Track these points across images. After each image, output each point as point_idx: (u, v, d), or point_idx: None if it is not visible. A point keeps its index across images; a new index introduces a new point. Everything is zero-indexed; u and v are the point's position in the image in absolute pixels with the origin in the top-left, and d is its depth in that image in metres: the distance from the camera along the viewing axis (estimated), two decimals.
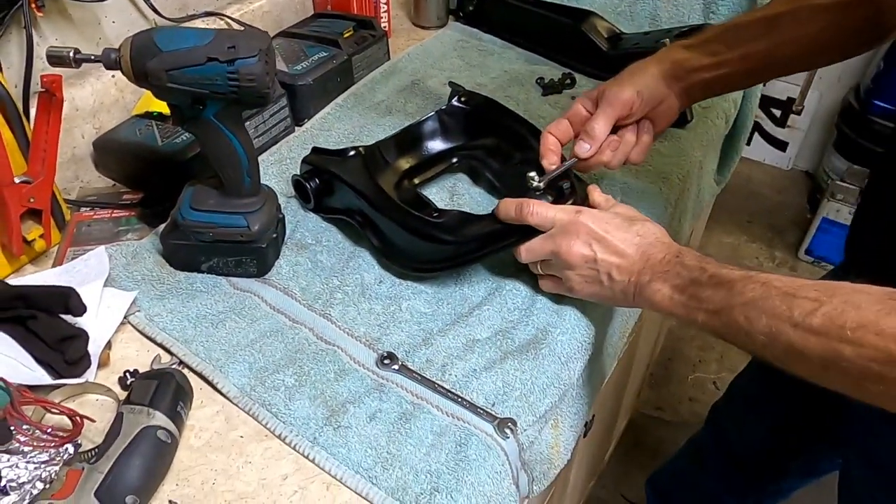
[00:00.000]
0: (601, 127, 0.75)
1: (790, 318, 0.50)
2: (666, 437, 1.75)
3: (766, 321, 0.51)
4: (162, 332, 0.68)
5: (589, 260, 0.64)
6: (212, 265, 0.73)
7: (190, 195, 0.71)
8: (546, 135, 0.77)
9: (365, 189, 0.76)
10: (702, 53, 0.75)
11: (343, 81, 1.01)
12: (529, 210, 0.67)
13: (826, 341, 0.48)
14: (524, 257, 0.69)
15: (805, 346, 0.49)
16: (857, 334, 0.47)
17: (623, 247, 0.63)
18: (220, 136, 0.65)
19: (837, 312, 0.48)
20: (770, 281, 0.53)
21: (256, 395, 0.63)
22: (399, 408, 0.62)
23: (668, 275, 0.60)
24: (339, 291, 0.73)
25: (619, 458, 1.68)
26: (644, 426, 1.78)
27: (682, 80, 0.76)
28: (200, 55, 0.59)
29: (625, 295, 0.64)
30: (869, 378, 0.47)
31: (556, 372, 0.66)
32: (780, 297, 0.51)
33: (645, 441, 1.75)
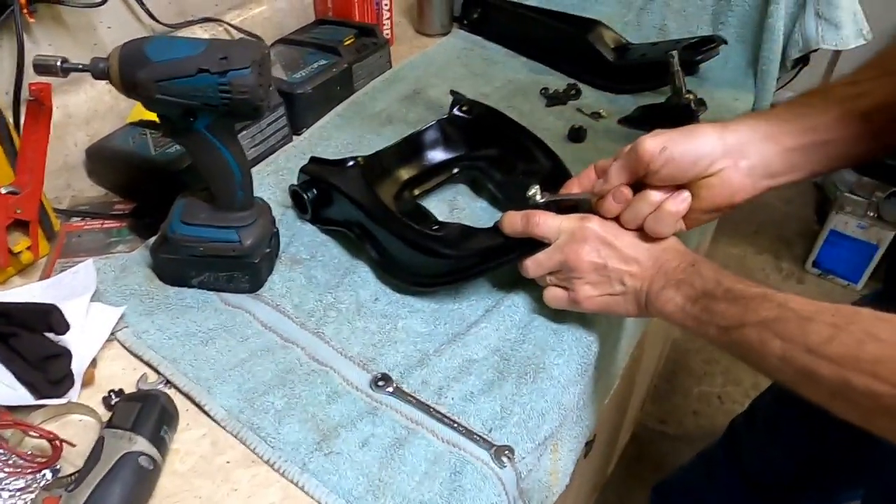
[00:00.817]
0: (614, 171, 0.64)
1: (805, 343, 0.48)
2: (669, 451, 1.72)
3: (780, 344, 0.50)
4: (149, 350, 0.66)
5: (599, 267, 0.62)
6: (203, 280, 0.71)
7: (181, 208, 0.69)
8: (590, 167, 0.70)
9: (363, 200, 0.74)
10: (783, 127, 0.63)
11: (343, 90, 0.99)
12: (535, 221, 0.65)
13: (839, 370, 0.46)
14: (531, 271, 0.67)
15: (817, 372, 0.47)
16: (874, 368, 0.44)
17: (633, 253, 0.61)
18: (211, 149, 0.63)
19: (855, 342, 0.46)
20: (787, 302, 0.51)
21: (245, 417, 0.61)
22: (393, 433, 0.60)
23: (682, 284, 0.58)
24: (333, 309, 0.70)
25: (621, 472, 1.65)
26: (647, 439, 1.75)
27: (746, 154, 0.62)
28: (191, 66, 0.57)
29: (636, 303, 0.62)
30: (879, 412, 0.45)
31: (556, 396, 0.64)
32: (796, 321, 0.50)
33: (648, 455, 1.72)
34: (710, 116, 0.98)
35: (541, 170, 0.78)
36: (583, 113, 1.00)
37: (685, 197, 0.62)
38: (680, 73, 0.90)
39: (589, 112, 1.00)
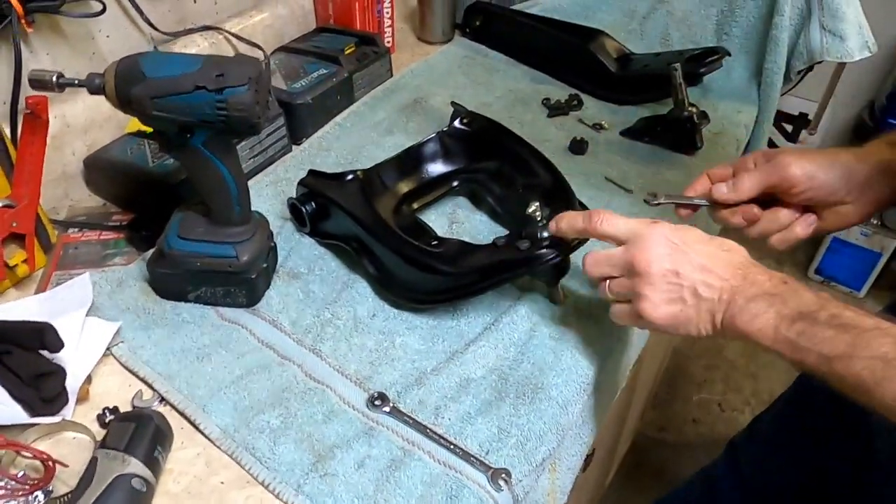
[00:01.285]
0: (747, 184, 0.66)
1: None
2: (669, 460, 1.71)
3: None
4: (145, 366, 0.65)
5: (669, 274, 0.55)
6: (199, 295, 0.70)
7: (178, 223, 0.69)
8: (703, 174, 0.71)
9: (362, 215, 0.73)
10: None
11: (343, 99, 0.99)
12: (599, 219, 0.60)
13: None
14: (588, 267, 0.61)
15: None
16: None
17: (708, 262, 0.55)
18: (208, 165, 0.63)
19: None
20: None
21: (240, 437, 0.60)
22: (389, 454, 0.59)
23: (776, 299, 0.52)
24: (330, 325, 0.70)
25: (620, 481, 1.64)
26: (646, 448, 1.74)
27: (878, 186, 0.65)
28: (188, 83, 0.57)
29: (710, 319, 0.56)
30: None
31: (554, 416, 0.63)
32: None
33: (647, 463, 1.71)
34: (713, 129, 0.98)
35: (541, 184, 0.78)
36: (584, 124, 1.00)
37: (812, 221, 0.66)
38: (682, 86, 0.90)
39: (591, 123, 0.99)
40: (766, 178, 0.65)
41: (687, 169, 0.91)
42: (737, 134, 0.99)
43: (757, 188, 0.66)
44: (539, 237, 0.67)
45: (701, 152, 0.94)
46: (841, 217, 0.66)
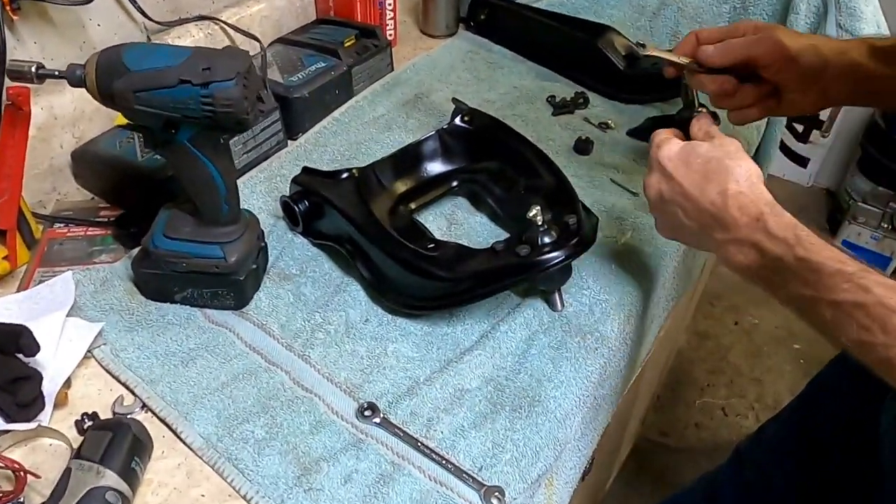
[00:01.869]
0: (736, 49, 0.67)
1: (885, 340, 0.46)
2: (670, 465, 1.69)
3: (857, 332, 0.48)
4: (127, 370, 0.63)
5: (659, 197, 0.61)
6: (186, 296, 0.68)
7: (164, 221, 0.66)
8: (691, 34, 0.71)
9: (356, 215, 0.71)
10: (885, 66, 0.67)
11: (341, 94, 0.96)
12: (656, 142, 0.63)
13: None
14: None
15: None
16: None
17: (693, 191, 0.58)
18: (195, 162, 0.60)
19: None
20: (869, 287, 0.48)
21: (223, 447, 0.58)
22: (378, 468, 0.57)
23: (744, 244, 0.55)
24: (320, 330, 0.67)
25: (620, 486, 1.62)
26: (648, 452, 1.71)
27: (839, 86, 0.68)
28: (172, 76, 0.54)
29: (697, 242, 0.61)
30: None
31: (551, 431, 0.61)
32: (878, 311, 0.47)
33: (648, 468, 1.69)
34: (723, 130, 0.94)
35: (543, 186, 0.75)
36: (590, 123, 0.96)
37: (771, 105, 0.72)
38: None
39: (597, 122, 0.96)
40: (756, 47, 0.66)
41: None
42: (747, 136, 0.96)
43: (744, 55, 0.67)
44: (539, 242, 0.64)
45: None
46: (794, 106, 0.71)
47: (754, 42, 0.67)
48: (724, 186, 0.56)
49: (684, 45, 0.70)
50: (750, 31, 0.69)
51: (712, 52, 0.67)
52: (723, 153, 0.58)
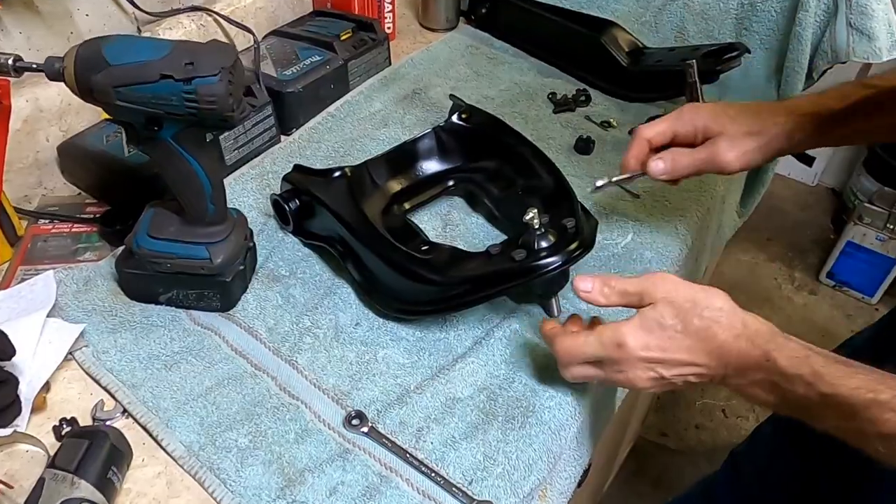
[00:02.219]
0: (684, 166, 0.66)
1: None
2: (669, 466, 1.67)
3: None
4: (108, 374, 0.61)
5: (657, 379, 0.54)
6: (171, 297, 0.66)
7: (148, 220, 0.64)
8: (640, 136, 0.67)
9: (347, 216, 0.69)
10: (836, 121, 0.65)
11: (337, 88, 0.94)
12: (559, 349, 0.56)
13: None
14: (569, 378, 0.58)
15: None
16: None
17: (690, 357, 0.52)
18: (179, 161, 0.58)
19: None
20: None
21: (205, 455, 0.56)
22: (364, 480, 0.55)
23: (763, 384, 0.51)
24: (309, 334, 0.65)
25: (618, 487, 1.60)
26: (647, 453, 1.70)
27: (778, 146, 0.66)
28: (153, 71, 0.52)
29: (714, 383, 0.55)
30: None
31: (545, 443, 0.59)
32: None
33: (647, 469, 1.67)
34: None
35: (542, 187, 0.73)
36: (592, 121, 0.94)
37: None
38: (697, 84, 0.84)
39: (598, 121, 0.94)
40: (703, 166, 0.65)
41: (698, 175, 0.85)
42: None
43: (692, 172, 0.66)
44: (536, 247, 0.62)
45: None
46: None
47: (702, 162, 0.65)
48: (719, 340, 0.51)
49: (637, 150, 0.66)
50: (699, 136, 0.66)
51: (662, 168, 0.65)
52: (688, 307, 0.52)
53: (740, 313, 0.52)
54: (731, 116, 0.65)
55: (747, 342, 0.50)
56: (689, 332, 0.52)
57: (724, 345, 0.51)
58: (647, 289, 0.53)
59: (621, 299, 0.55)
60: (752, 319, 0.52)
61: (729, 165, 0.64)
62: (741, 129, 0.64)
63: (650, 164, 0.65)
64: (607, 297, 0.55)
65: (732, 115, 0.65)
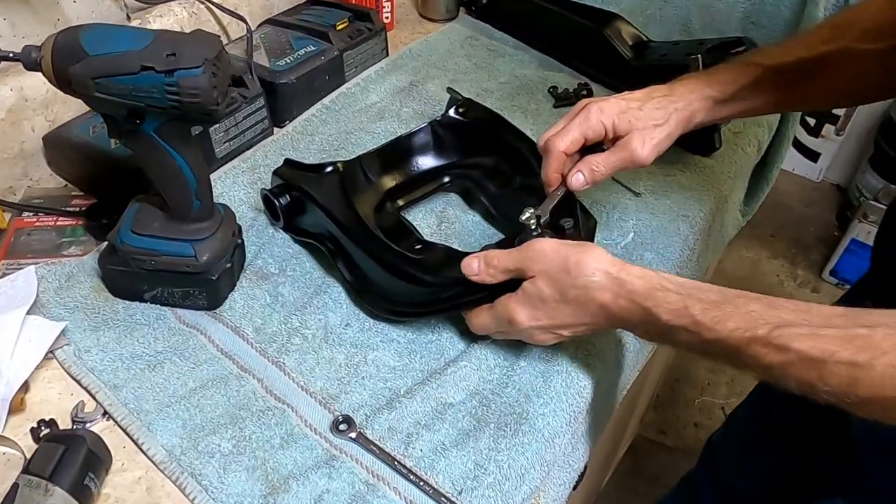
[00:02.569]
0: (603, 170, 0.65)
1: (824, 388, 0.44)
2: (667, 465, 1.66)
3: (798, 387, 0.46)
4: (89, 374, 0.59)
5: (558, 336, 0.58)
6: (155, 295, 0.64)
7: (132, 215, 0.62)
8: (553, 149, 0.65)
9: (338, 213, 0.67)
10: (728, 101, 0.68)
11: (332, 79, 0.91)
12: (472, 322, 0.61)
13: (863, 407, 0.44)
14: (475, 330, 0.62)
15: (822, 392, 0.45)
16: None
17: (577, 320, 0.55)
18: (162, 155, 0.56)
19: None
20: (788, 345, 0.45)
21: (187, 461, 0.54)
22: (351, 488, 0.53)
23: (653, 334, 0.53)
24: (297, 335, 0.63)
25: (615, 485, 1.59)
26: (645, 451, 1.68)
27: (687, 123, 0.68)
28: (133, 62, 0.49)
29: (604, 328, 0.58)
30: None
31: (538, 451, 0.57)
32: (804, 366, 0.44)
33: (644, 468, 1.66)
34: (733, 128, 0.90)
35: (540, 185, 0.70)
36: None
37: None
38: None
39: None
40: (620, 166, 0.65)
41: (702, 172, 0.83)
42: (758, 134, 0.91)
43: (611, 174, 0.66)
44: None
45: (718, 153, 0.85)
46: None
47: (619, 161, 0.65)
48: (599, 302, 0.53)
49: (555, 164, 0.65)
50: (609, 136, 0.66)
51: (582, 182, 0.65)
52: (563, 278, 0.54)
53: (615, 271, 0.53)
54: (635, 111, 0.65)
55: (626, 301, 0.52)
56: (567, 301, 0.54)
57: (605, 305, 0.53)
58: (525, 264, 0.56)
59: (507, 276, 0.57)
60: (628, 276, 0.53)
61: (645, 160, 0.65)
62: (648, 122, 0.65)
63: (570, 179, 0.65)
64: (494, 277, 0.57)
65: (636, 108, 0.65)
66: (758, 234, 2.25)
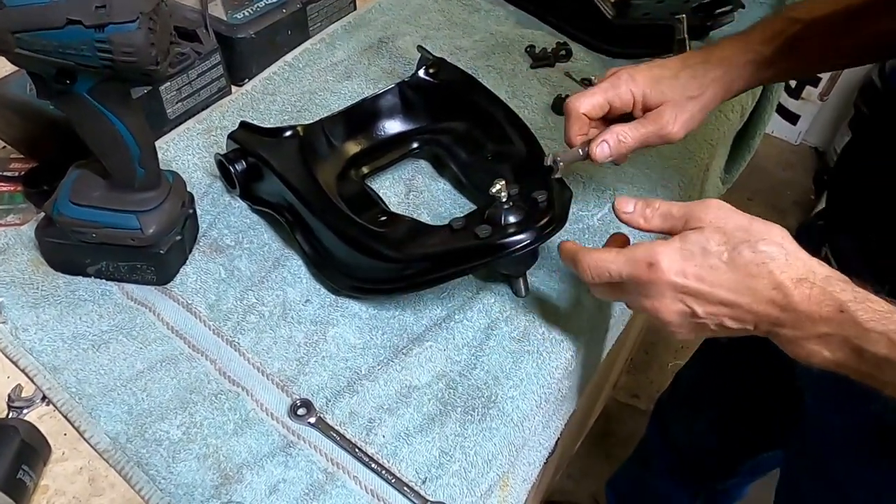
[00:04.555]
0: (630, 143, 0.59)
1: None
2: (638, 428, 1.65)
3: None
4: (27, 355, 0.55)
5: (687, 315, 0.47)
6: (100, 269, 0.59)
7: (71, 183, 0.57)
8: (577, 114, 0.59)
9: (296, 181, 0.62)
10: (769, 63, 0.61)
11: (295, 34, 0.85)
12: (584, 266, 0.50)
13: None
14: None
15: None
16: None
17: (732, 296, 0.45)
18: (97, 118, 0.51)
19: None
20: None
21: (132, 449, 0.51)
22: (308, 477, 0.50)
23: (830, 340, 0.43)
24: (253, 312, 0.60)
25: (588, 448, 1.60)
26: (617, 415, 1.69)
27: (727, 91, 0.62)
28: (58, 15, 0.44)
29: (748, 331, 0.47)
30: None
31: (506, 436, 0.55)
32: None
33: (616, 431, 1.67)
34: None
35: (513, 154, 0.66)
36: (572, 78, 0.87)
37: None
38: (687, 41, 0.77)
39: (579, 78, 0.87)
40: (648, 141, 0.59)
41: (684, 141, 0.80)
42: (742, 100, 0.87)
43: (637, 149, 0.60)
44: (503, 222, 0.57)
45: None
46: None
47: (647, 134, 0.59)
48: (776, 279, 0.43)
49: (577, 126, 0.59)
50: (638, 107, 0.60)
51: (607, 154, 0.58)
52: (740, 235, 0.45)
53: (804, 256, 0.44)
54: (670, 81, 0.59)
55: (815, 289, 0.42)
56: (736, 264, 0.44)
57: (781, 286, 0.43)
58: (694, 212, 0.47)
59: (664, 223, 0.49)
60: (820, 265, 0.44)
61: (675, 135, 0.60)
62: (683, 93, 0.59)
63: (594, 149, 0.58)
64: (648, 220, 0.49)
65: (670, 78, 0.59)
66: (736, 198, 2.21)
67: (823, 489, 0.69)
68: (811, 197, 2.22)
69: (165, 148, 0.72)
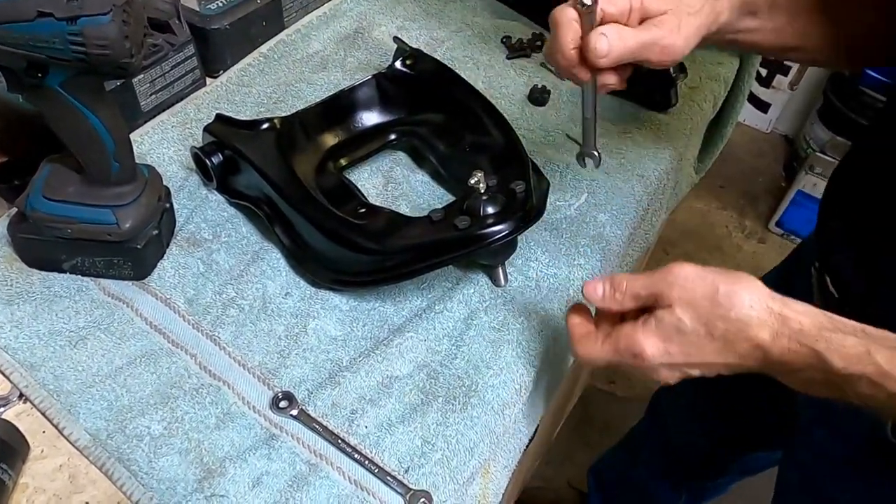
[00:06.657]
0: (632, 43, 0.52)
1: None
2: (616, 414, 1.69)
3: None
4: (2, 353, 0.55)
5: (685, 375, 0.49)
6: (76, 265, 0.59)
7: (44, 178, 0.56)
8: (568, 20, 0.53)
9: (274, 174, 0.62)
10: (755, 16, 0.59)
11: (269, 26, 0.85)
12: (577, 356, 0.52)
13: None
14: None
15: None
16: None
17: (720, 359, 0.47)
18: (71, 112, 0.50)
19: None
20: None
21: (113, 445, 0.51)
22: (292, 469, 0.51)
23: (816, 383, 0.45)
24: (233, 305, 0.60)
25: (566, 434, 1.62)
26: (595, 401, 1.71)
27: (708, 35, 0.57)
28: (29, 7, 0.43)
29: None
30: None
31: (487, 424, 0.55)
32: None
33: (594, 417, 1.69)
34: (690, 83, 0.87)
35: (491, 145, 0.67)
36: (548, 69, 0.87)
37: None
38: None
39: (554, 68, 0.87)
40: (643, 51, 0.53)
41: (657, 129, 0.81)
42: (714, 90, 0.89)
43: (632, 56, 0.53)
44: (481, 213, 0.57)
45: (674, 109, 0.83)
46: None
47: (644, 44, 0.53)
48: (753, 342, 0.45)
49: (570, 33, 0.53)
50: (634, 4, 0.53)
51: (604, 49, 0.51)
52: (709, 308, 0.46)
53: (776, 306, 0.45)
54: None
55: (790, 341, 0.44)
56: (714, 336, 0.46)
57: (761, 346, 0.45)
58: (661, 289, 0.47)
59: (635, 303, 0.49)
60: (792, 313, 0.45)
61: (678, 49, 0.53)
62: (682, 6, 0.54)
63: (592, 42, 0.51)
64: (621, 304, 0.49)
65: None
66: (708, 185, 2.26)
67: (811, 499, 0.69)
68: (782, 184, 2.26)
69: (140, 141, 0.71)
